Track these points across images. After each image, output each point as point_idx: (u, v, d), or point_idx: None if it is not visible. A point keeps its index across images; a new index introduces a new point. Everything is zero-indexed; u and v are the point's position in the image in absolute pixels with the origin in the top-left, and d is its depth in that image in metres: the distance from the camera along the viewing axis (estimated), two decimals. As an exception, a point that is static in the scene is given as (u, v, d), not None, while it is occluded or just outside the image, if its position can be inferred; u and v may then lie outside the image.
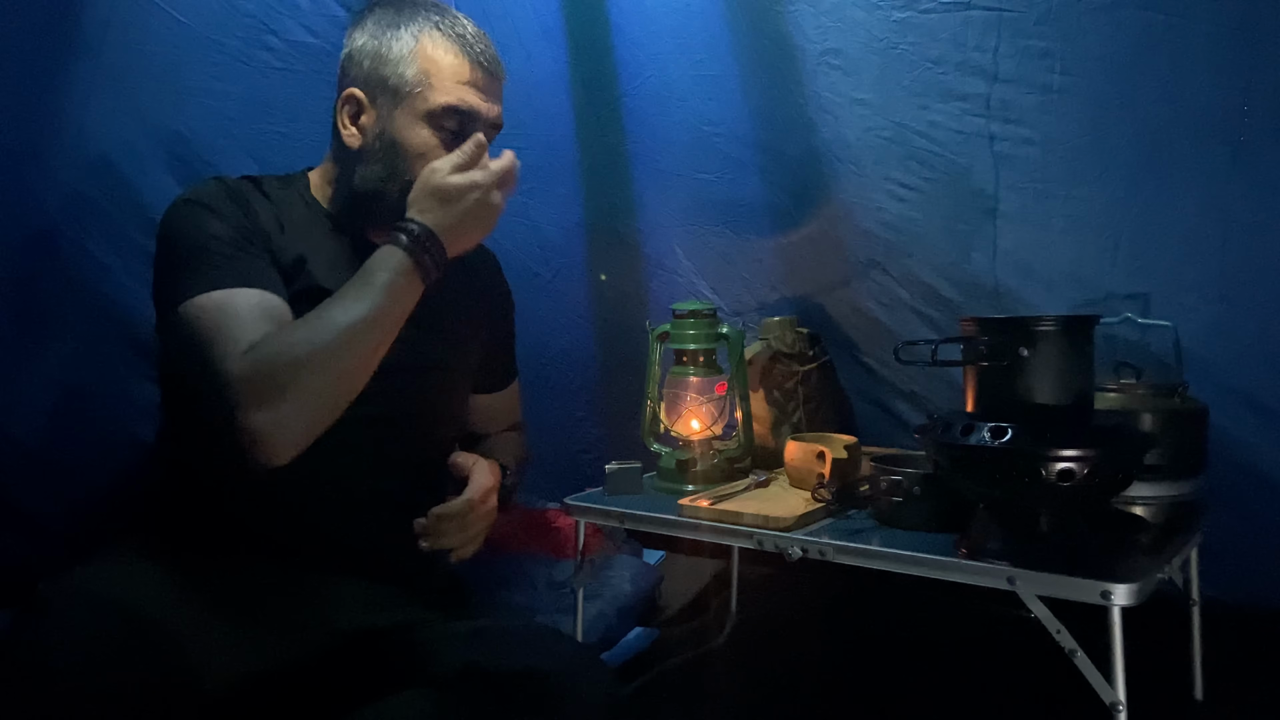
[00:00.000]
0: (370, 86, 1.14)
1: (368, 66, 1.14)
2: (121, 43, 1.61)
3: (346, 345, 1.01)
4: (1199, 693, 1.47)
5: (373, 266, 1.05)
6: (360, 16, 1.18)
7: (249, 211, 1.12)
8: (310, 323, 1.02)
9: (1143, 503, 1.31)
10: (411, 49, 1.13)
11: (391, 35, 1.14)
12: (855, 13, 1.58)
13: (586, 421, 2.23)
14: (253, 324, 1.01)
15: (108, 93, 1.62)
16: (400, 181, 1.14)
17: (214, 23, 1.68)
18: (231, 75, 1.71)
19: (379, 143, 1.15)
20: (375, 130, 1.15)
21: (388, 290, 1.04)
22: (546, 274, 2.09)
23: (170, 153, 1.69)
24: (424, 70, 1.13)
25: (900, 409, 1.87)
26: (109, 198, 1.67)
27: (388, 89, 1.13)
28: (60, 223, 1.65)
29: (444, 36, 1.14)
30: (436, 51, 1.13)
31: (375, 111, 1.15)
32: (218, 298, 1.02)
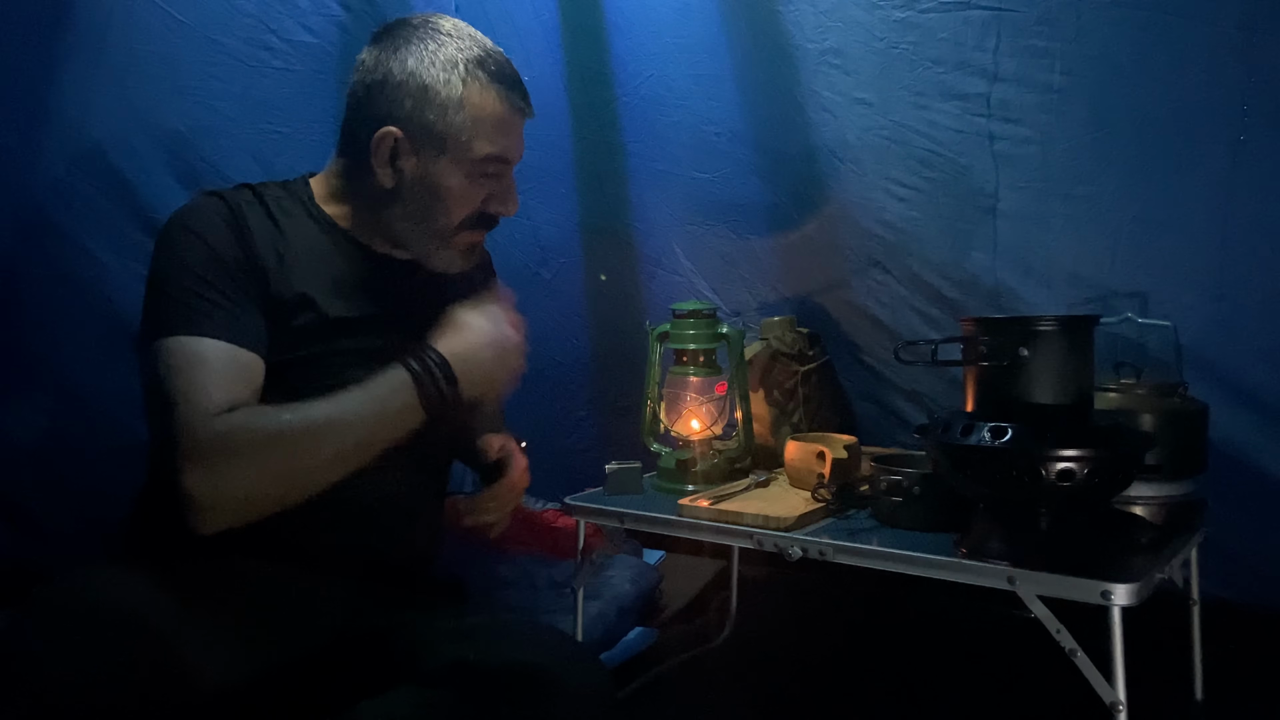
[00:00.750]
0: (412, 128, 1.10)
1: (409, 106, 1.09)
2: (121, 42, 1.61)
3: (319, 448, 0.99)
4: (1199, 693, 1.47)
5: (377, 383, 1.03)
6: (393, 41, 1.12)
7: (247, 241, 1.08)
8: (294, 412, 1.00)
9: (1143, 503, 1.31)
10: (459, 94, 1.09)
11: (437, 76, 1.09)
12: (855, 12, 1.58)
13: (586, 421, 2.23)
14: (223, 384, 0.99)
15: (108, 92, 1.62)
16: (434, 224, 1.14)
17: (214, 22, 1.68)
18: (231, 75, 1.71)
19: (418, 187, 1.12)
20: (415, 174, 1.12)
21: (382, 412, 1.02)
22: (546, 274, 2.10)
23: (170, 152, 1.69)
24: (472, 118, 1.10)
25: (900, 409, 1.87)
26: (109, 197, 1.67)
27: (433, 135, 1.10)
28: (60, 222, 1.65)
29: (490, 80, 1.11)
30: (484, 99, 1.10)
31: (416, 156, 1.11)
32: (192, 345, 1.00)
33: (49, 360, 1.70)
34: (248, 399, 1.02)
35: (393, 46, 1.11)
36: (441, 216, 1.13)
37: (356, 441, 1.01)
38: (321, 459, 1.00)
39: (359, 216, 1.17)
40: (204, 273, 1.04)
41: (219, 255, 1.06)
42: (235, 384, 1.01)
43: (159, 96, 1.66)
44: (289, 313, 1.10)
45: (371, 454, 1.03)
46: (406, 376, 1.03)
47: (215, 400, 0.98)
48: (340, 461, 1.01)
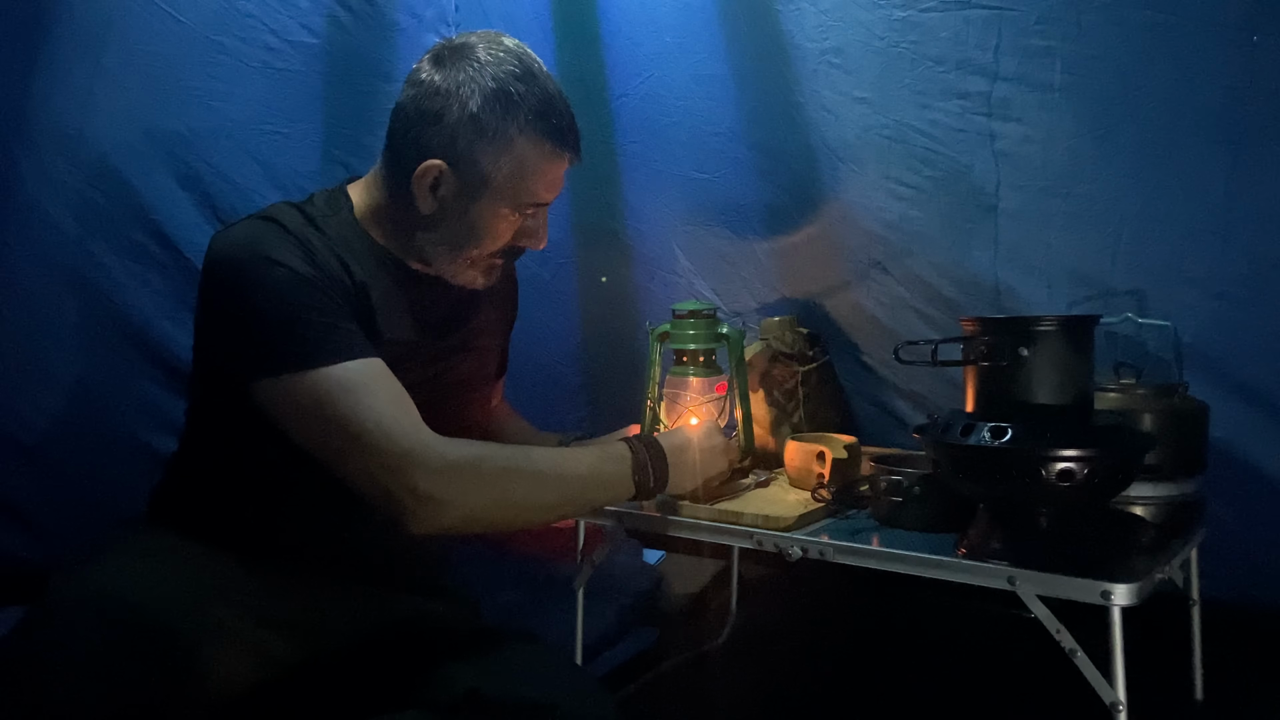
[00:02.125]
0: (460, 166, 1.11)
1: (462, 146, 1.10)
2: (121, 43, 1.61)
3: (538, 492, 1.10)
4: (1199, 693, 1.47)
5: (601, 450, 1.18)
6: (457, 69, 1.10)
7: (323, 263, 1.08)
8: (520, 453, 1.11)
9: (1143, 503, 1.31)
10: (512, 144, 1.10)
11: (496, 126, 1.09)
12: (856, 11, 1.58)
13: (586, 421, 2.23)
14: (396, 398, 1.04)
15: (108, 93, 1.62)
16: (465, 253, 1.16)
17: (214, 23, 1.68)
18: (231, 75, 1.71)
19: (456, 219, 1.14)
20: (456, 208, 1.13)
21: (598, 476, 1.15)
22: (546, 274, 2.09)
23: (170, 152, 1.69)
24: (521, 168, 1.11)
25: (900, 409, 1.87)
26: (109, 197, 1.67)
27: (478, 175, 1.11)
28: (60, 222, 1.65)
29: (547, 134, 1.11)
30: (538, 152, 1.12)
31: (459, 190, 1.12)
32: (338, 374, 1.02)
33: (49, 361, 1.70)
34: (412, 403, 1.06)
35: (456, 77, 1.10)
36: (474, 249, 1.16)
37: (571, 494, 1.14)
38: (537, 502, 1.10)
39: (396, 232, 1.18)
40: (305, 299, 1.04)
41: (308, 279, 1.05)
42: (400, 395, 1.05)
43: (159, 96, 1.66)
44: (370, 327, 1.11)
45: (580, 510, 1.20)
46: (628, 453, 1.15)
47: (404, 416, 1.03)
48: (552, 508, 1.14)
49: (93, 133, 1.62)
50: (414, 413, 1.04)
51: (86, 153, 1.64)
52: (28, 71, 1.55)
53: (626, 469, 1.14)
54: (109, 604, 0.98)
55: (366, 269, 1.14)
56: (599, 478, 1.14)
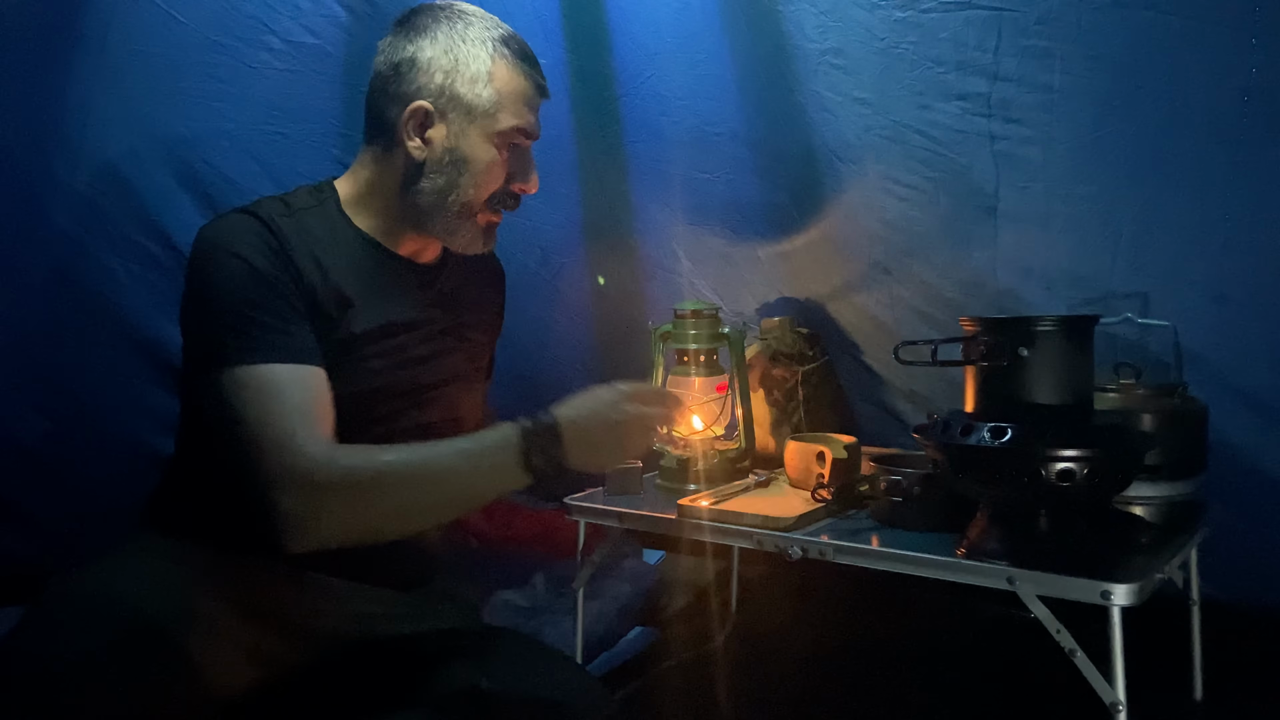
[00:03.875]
0: (443, 101, 1.12)
1: (441, 80, 1.12)
2: (122, 43, 1.61)
3: (417, 493, 1.01)
4: (1199, 693, 1.47)
5: (484, 437, 1.04)
6: (419, 23, 1.15)
7: (289, 257, 1.08)
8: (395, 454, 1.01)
9: (1143, 503, 1.31)
10: (488, 68, 1.12)
11: (467, 52, 1.12)
12: (856, 12, 1.58)
13: (586, 421, 2.23)
14: (302, 407, 1.00)
15: (108, 94, 1.62)
16: (461, 196, 1.15)
17: (214, 23, 1.68)
18: (232, 76, 1.71)
19: (448, 157, 1.14)
20: (445, 144, 1.13)
21: (482, 467, 1.03)
22: (546, 274, 2.10)
23: (171, 154, 1.70)
24: (499, 91, 1.13)
25: (900, 409, 1.87)
26: (109, 198, 1.67)
27: (462, 105, 1.12)
28: (61, 223, 1.65)
29: (515, 58, 1.15)
30: (511, 74, 1.14)
31: (446, 126, 1.13)
32: (261, 374, 1.00)
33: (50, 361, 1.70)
34: (326, 417, 1.03)
35: (419, 28, 1.14)
36: (469, 188, 1.14)
37: (454, 493, 1.04)
38: (418, 504, 1.02)
39: (386, 216, 1.17)
40: (255, 295, 1.04)
41: (264, 275, 1.05)
42: (313, 405, 1.01)
43: (160, 97, 1.66)
44: (334, 321, 1.10)
45: (472, 506, 1.08)
46: (516, 437, 1.04)
47: (301, 427, 0.98)
48: (436, 509, 1.05)
49: (94, 133, 1.62)
50: (318, 425, 1.00)
51: (87, 153, 1.64)
52: (29, 72, 1.55)
53: (514, 456, 1.03)
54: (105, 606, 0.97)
55: (348, 259, 1.14)
56: (485, 469, 1.03)
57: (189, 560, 1.08)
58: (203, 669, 0.98)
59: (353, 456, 0.99)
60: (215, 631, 1.02)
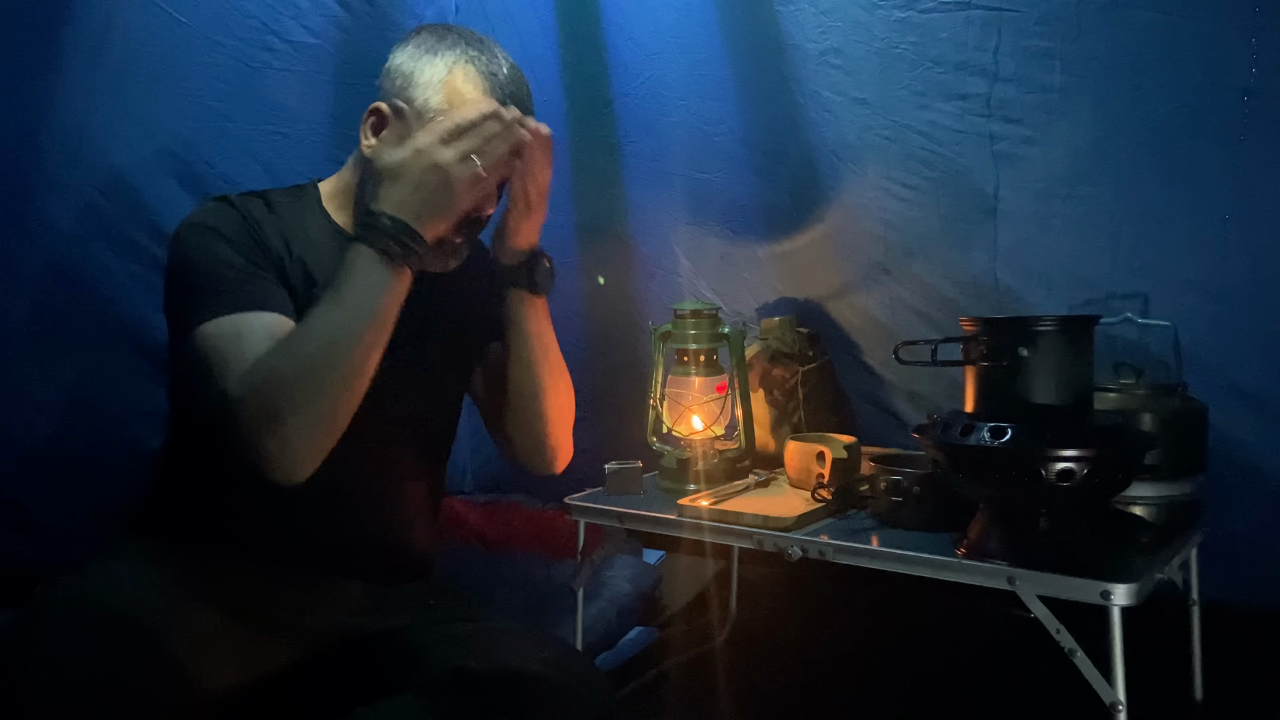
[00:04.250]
0: (396, 104, 1.13)
1: (398, 85, 1.13)
2: (123, 44, 1.61)
3: (334, 354, 1.00)
4: (1199, 693, 1.47)
5: (345, 266, 1.02)
6: (406, 37, 1.17)
7: (258, 233, 1.11)
8: (296, 338, 1.01)
9: (1143, 503, 1.31)
10: (442, 77, 1.12)
11: (427, 60, 1.13)
12: (855, 12, 1.58)
13: (586, 421, 2.22)
14: (255, 347, 1.00)
15: (109, 94, 1.62)
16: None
17: (215, 24, 1.68)
18: (233, 76, 1.71)
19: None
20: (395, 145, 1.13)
21: (363, 289, 1.01)
22: (546, 274, 2.09)
23: (172, 154, 1.69)
24: (448, 100, 1.11)
25: (900, 409, 1.87)
26: (110, 198, 1.67)
27: (413, 109, 1.12)
28: (61, 223, 1.65)
29: (476, 73, 1.13)
30: (465, 85, 1.12)
31: (398, 128, 1.13)
32: (227, 323, 1.02)
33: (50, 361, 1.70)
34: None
35: (404, 40, 1.16)
36: None
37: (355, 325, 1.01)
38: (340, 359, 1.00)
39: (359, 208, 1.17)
40: (224, 257, 1.06)
41: (234, 243, 1.08)
42: (267, 343, 1.01)
43: (160, 97, 1.66)
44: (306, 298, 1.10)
45: (378, 333, 1.02)
46: (365, 248, 1.02)
47: (247, 363, 0.99)
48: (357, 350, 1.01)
49: (94, 133, 1.62)
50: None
51: (87, 153, 1.63)
52: (29, 72, 1.55)
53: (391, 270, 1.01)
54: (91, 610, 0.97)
55: (320, 248, 1.14)
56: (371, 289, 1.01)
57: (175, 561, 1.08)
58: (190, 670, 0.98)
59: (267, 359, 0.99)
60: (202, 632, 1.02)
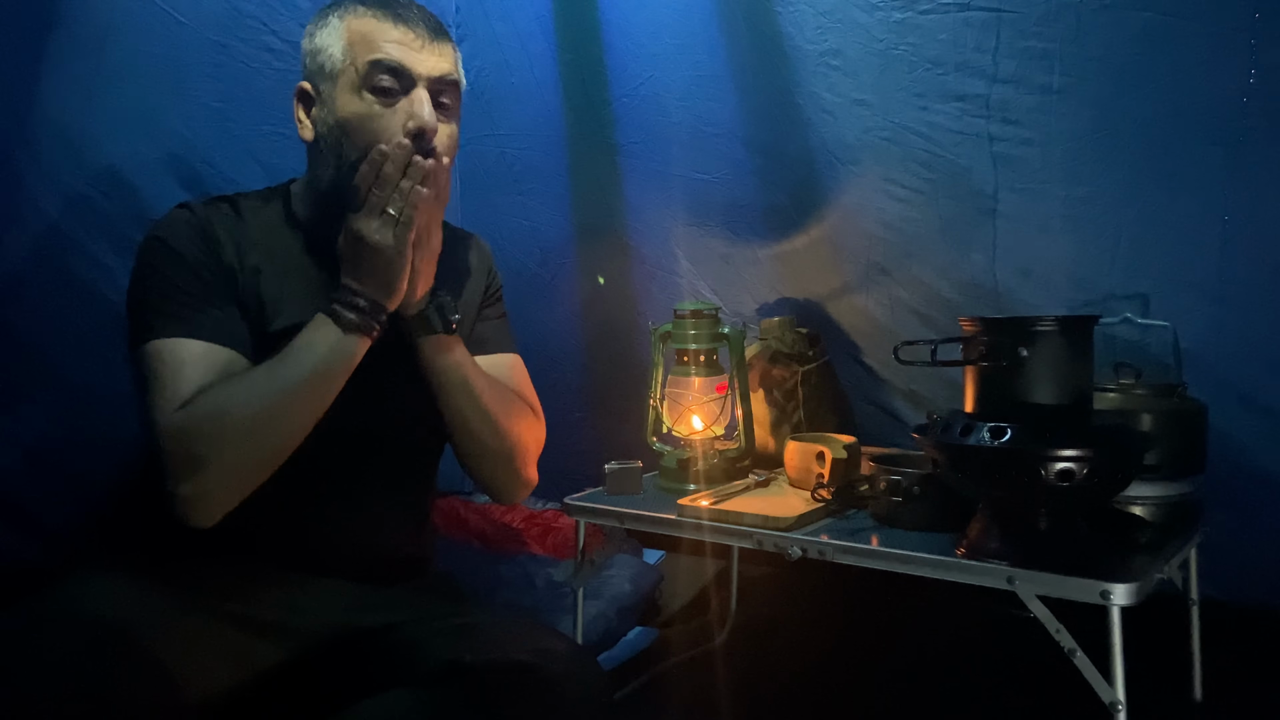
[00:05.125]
0: (312, 77, 1.14)
1: (309, 62, 1.14)
2: (122, 44, 1.61)
3: (274, 415, 1.01)
4: (1198, 692, 1.47)
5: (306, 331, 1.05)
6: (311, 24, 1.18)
7: (215, 248, 1.11)
8: (239, 389, 1.02)
9: (1142, 503, 1.31)
10: (338, 29, 1.12)
11: (322, 25, 1.14)
12: (855, 14, 1.58)
13: (586, 422, 2.23)
14: (192, 378, 1.02)
15: (109, 93, 1.62)
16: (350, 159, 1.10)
17: (215, 24, 1.68)
18: (233, 76, 1.71)
19: (326, 128, 1.12)
20: (322, 117, 1.13)
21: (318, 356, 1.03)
22: (545, 275, 2.10)
23: (171, 154, 1.69)
24: (349, 43, 1.11)
25: (900, 409, 1.87)
26: (110, 198, 1.67)
27: (325, 74, 1.12)
28: (62, 223, 1.65)
29: (366, 8, 1.12)
30: (359, 23, 1.11)
31: (319, 96, 1.13)
32: (168, 347, 1.04)
33: (51, 362, 1.70)
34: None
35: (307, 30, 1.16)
36: (353, 151, 1.10)
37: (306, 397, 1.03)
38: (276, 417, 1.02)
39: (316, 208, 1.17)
40: (174, 275, 1.08)
41: (186, 260, 1.09)
42: (203, 375, 1.03)
43: (160, 98, 1.66)
44: (258, 318, 1.11)
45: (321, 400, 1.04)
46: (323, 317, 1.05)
47: (181, 394, 1.01)
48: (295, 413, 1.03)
49: (94, 134, 1.62)
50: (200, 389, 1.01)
51: (88, 153, 1.63)
52: (29, 72, 1.55)
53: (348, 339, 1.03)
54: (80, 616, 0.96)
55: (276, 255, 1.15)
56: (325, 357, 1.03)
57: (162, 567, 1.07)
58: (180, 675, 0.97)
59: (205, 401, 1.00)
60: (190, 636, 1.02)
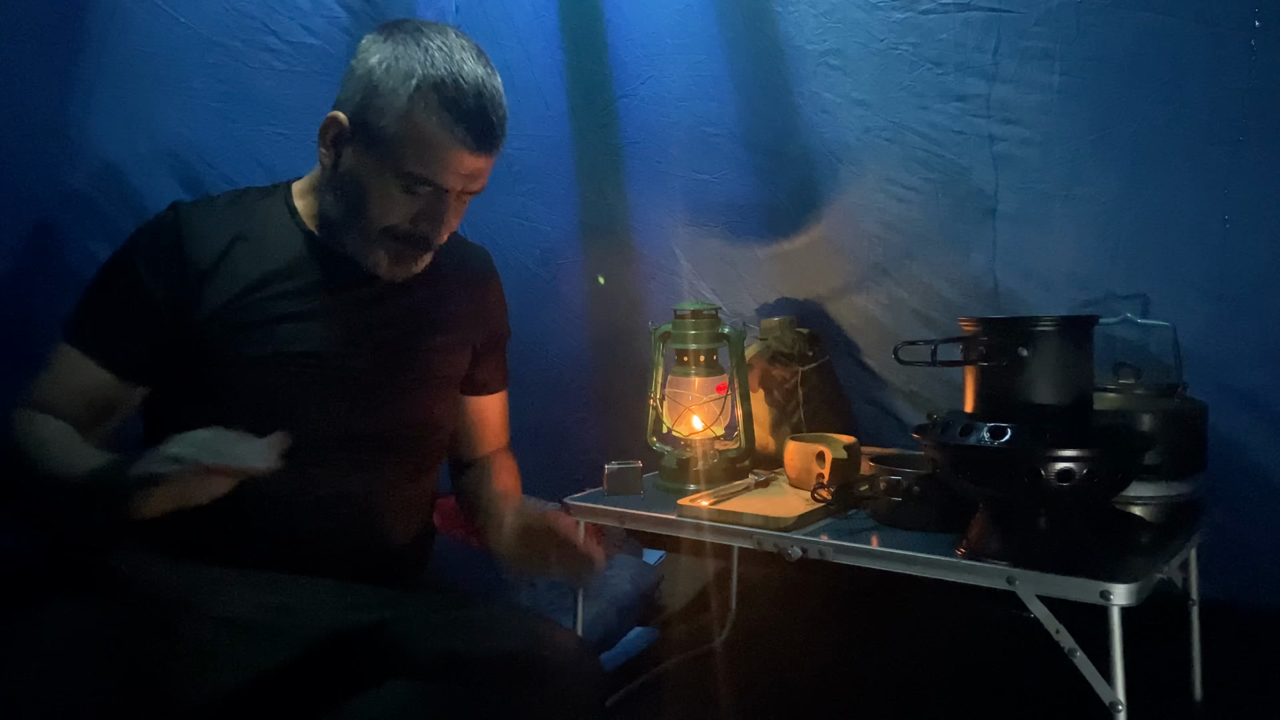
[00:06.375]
0: (355, 118, 1.10)
1: (360, 100, 1.09)
2: (122, 44, 1.61)
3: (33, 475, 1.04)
4: (1198, 693, 1.47)
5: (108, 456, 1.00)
6: (381, 33, 1.11)
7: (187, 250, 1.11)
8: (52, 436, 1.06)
9: (1142, 503, 1.31)
10: (402, 108, 1.06)
11: (393, 80, 1.07)
12: (855, 13, 1.58)
13: (586, 422, 2.23)
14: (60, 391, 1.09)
15: (109, 94, 1.62)
16: (359, 220, 1.12)
17: (215, 24, 1.68)
18: (232, 76, 1.71)
19: (348, 177, 1.12)
20: (347, 163, 1.12)
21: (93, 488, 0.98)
22: (546, 275, 2.10)
23: (171, 154, 1.70)
24: (405, 134, 1.07)
25: (900, 409, 1.87)
26: (110, 198, 1.67)
27: (369, 130, 1.09)
28: (61, 223, 1.65)
29: (440, 106, 1.06)
30: (424, 122, 1.07)
31: (353, 145, 1.11)
32: (64, 356, 1.11)
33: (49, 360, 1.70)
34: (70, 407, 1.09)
35: (376, 40, 1.12)
36: (364, 214, 1.11)
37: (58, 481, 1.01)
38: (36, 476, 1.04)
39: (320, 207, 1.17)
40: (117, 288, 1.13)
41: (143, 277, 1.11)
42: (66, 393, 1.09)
43: (160, 98, 1.66)
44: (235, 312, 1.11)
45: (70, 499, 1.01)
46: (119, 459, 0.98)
47: (43, 396, 1.09)
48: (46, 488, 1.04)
49: (94, 134, 1.62)
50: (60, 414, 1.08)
51: (88, 153, 1.64)
52: (29, 72, 1.55)
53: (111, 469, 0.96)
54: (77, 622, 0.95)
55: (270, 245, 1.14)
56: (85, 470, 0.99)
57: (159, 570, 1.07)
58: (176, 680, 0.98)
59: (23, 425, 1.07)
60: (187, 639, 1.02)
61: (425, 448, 1.25)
